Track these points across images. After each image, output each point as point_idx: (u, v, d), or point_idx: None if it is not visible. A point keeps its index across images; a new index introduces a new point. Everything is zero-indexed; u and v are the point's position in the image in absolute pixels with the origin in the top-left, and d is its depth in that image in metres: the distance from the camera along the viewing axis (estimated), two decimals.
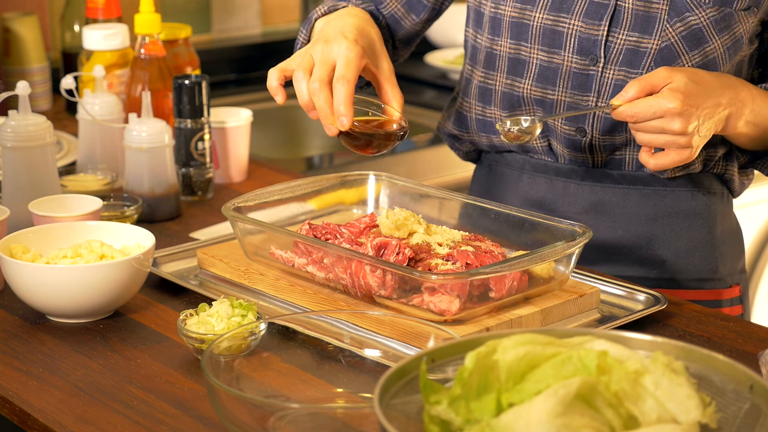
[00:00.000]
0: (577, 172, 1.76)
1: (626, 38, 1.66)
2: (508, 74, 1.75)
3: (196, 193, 2.01)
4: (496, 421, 1.00)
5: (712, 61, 1.66)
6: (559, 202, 1.77)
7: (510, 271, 1.45)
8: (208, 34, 3.04)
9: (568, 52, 1.69)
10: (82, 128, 2.05)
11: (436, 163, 2.58)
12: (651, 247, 1.75)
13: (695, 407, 1.04)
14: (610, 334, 1.12)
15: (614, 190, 1.74)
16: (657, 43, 1.65)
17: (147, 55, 2.07)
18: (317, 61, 1.57)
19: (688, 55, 1.65)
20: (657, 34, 1.65)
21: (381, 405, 1.02)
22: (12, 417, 1.35)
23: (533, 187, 1.79)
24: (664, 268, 1.75)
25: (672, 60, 1.65)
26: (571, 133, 1.72)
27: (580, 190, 1.76)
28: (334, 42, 1.57)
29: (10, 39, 2.56)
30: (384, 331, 1.42)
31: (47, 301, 1.52)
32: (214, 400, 1.21)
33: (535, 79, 1.72)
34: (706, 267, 1.77)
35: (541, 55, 1.71)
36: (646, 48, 1.66)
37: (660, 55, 1.65)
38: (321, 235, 1.58)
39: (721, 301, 1.79)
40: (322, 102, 1.54)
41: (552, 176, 1.77)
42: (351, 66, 1.55)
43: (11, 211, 1.69)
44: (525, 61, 1.73)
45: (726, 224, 1.80)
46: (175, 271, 1.67)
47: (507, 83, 1.75)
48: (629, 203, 1.74)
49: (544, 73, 1.72)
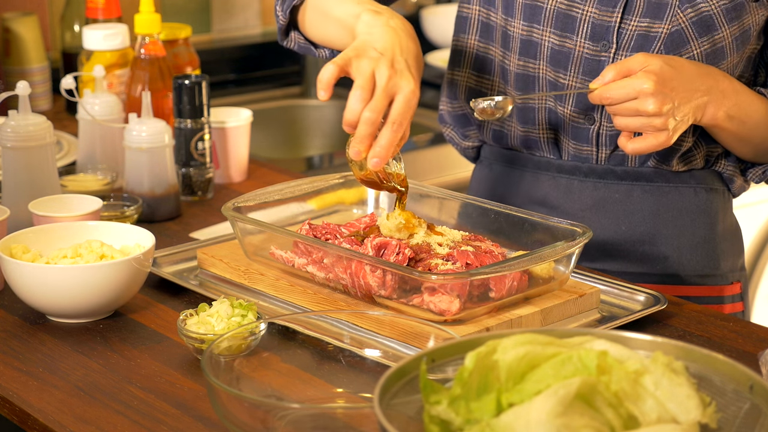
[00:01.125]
0: (580, 169, 1.76)
1: (638, 24, 1.68)
2: (520, 55, 1.75)
3: (196, 193, 2.01)
4: (496, 421, 1.00)
5: (720, 50, 1.67)
6: (562, 199, 1.77)
7: (510, 271, 1.45)
8: (208, 34, 3.04)
9: (580, 38, 1.70)
10: (82, 128, 2.05)
11: (436, 163, 2.58)
12: (654, 243, 1.75)
13: (695, 407, 1.04)
14: (610, 334, 1.12)
15: (617, 187, 1.75)
16: (667, 27, 1.66)
17: (147, 55, 2.07)
18: (380, 88, 1.49)
19: (697, 41, 1.65)
20: (668, 19, 1.66)
21: (381, 405, 1.02)
22: (12, 417, 1.35)
23: (536, 185, 1.79)
24: (666, 265, 1.76)
25: (681, 45, 1.66)
26: (580, 121, 1.73)
27: (583, 187, 1.76)
28: (401, 76, 1.51)
29: (10, 39, 2.56)
30: (384, 331, 1.42)
31: (47, 301, 1.52)
32: (214, 400, 1.21)
33: (548, 61, 1.73)
34: (709, 263, 1.78)
35: (553, 39, 1.72)
36: (657, 32, 1.66)
37: (669, 39, 1.66)
38: (321, 235, 1.58)
39: (723, 298, 1.79)
40: (367, 134, 1.49)
41: (555, 173, 1.78)
42: (408, 113, 1.50)
43: (11, 211, 1.69)
44: (537, 43, 1.74)
45: (727, 222, 1.81)
46: (175, 271, 1.67)
47: (518, 63, 1.76)
48: (632, 200, 1.75)
49: (556, 56, 1.72)
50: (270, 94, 3.01)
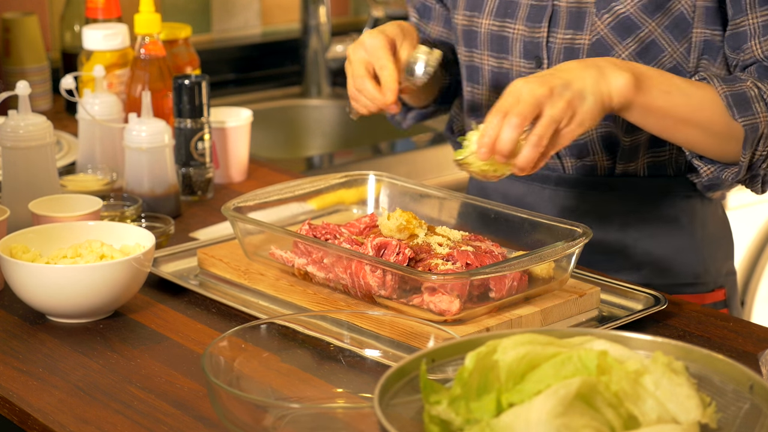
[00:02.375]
0: (551, 178, 1.75)
1: (563, 37, 1.67)
2: (468, 81, 1.78)
3: (196, 193, 2.01)
4: (496, 421, 1.00)
5: (652, 44, 1.62)
6: (537, 205, 1.76)
7: (510, 271, 1.45)
8: (208, 34, 3.04)
9: (515, 57, 1.70)
10: (82, 128, 2.05)
11: (436, 163, 2.58)
12: (626, 253, 1.73)
13: (695, 407, 1.04)
14: (610, 334, 1.12)
15: (588, 195, 1.73)
16: (588, 38, 1.65)
17: (147, 55, 2.07)
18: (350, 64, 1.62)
19: (621, 45, 1.63)
20: (587, 29, 1.64)
21: (381, 405, 1.02)
22: (12, 417, 1.35)
23: (512, 188, 1.79)
24: (641, 274, 1.73)
25: (605, 52, 1.63)
26: None
27: (555, 195, 1.75)
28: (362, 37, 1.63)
29: (10, 39, 2.55)
30: (384, 331, 1.42)
31: (47, 301, 1.52)
32: (214, 400, 1.21)
33: (489, 85, 1.74)
34: (688, 271, 1.74)
35: (491, 62, 1.73)
36: (580, 44, 1.65)
37: (593, 49, 1.64)
38: (321, 235, 1.58)
39: (704, 306, 1.76)
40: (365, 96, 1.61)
41: (529, 182, 1.77)
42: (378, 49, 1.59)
43: (11, 211, 1.69)
44: (479, 68, 1.75)
45: (709, 228, 1.76)
46: (175, 271, 1.67)
47: (467, 90, 1.79)
48: (603, 209, 1.73)
49: (496, 78, 1.73)
50: (270, 94, 3.01)
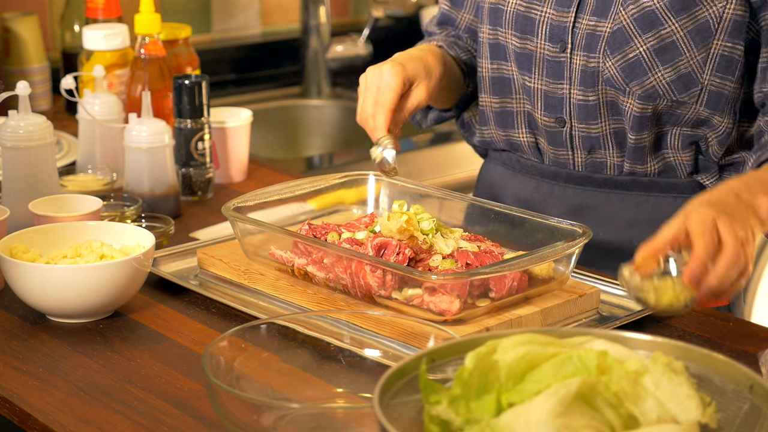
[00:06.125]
0: (560, 174, 1.76)
1: (587, 23, 1.68)
2: (492, 59, 1.78)
3: (196, 193, 2.01)
4: (496, 421, 1.00)
5: (671, 45, 1.63)
6: (545, 203, 1.78)
7: (510, 271, 1.45)
8: (208, 34, 3.04)
9: (540, 39, 1.72)
10: (82, 128, 2.05)
11: (436, 163, 2.58)
12: (632, 251, 1.73)
13: (695, 407, 1.04)
14: (610, 334, 1.12)
15: (596, 194, 1.75)
16: (610, 26, 1.66)
17: (147, 55, 2.07)
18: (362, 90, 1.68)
19: (641, 38, 1.64)
20: (611, 17, 1.66)
21: (381, 405, 1.02)
22: (12, 417, 1.35)
23: (523, 187, 1.81)
24: None
25: (624, 43, 1.64)
26: (552, 124, 1.73)
27: (563, 193, 1.77)
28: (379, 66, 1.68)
29: (10, 39, 2.56)
30: (384, 331, 1.42)
31: (47, 301, 1.52)
32: (214, 400, 1.21)
33: (515, 64, 1.75)
34: None
35: (515, 41, 1.74)
36: (601, 31, 1.67)
37: (612, 37, 1.65)
38: (321, 235, 1.58)
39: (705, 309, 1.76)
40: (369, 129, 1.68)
41: (539, 178, 1.79)
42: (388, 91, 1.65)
43: (11, 211, 1.69)
44: (504, 45, 1.76)
45: None
46: (175, 271, 1.67)
47: (492, 67, 1.79)
48: (610, 208, 1.74)
49: (519, 59, 1.74)
50: (270, 94, 3.01)
